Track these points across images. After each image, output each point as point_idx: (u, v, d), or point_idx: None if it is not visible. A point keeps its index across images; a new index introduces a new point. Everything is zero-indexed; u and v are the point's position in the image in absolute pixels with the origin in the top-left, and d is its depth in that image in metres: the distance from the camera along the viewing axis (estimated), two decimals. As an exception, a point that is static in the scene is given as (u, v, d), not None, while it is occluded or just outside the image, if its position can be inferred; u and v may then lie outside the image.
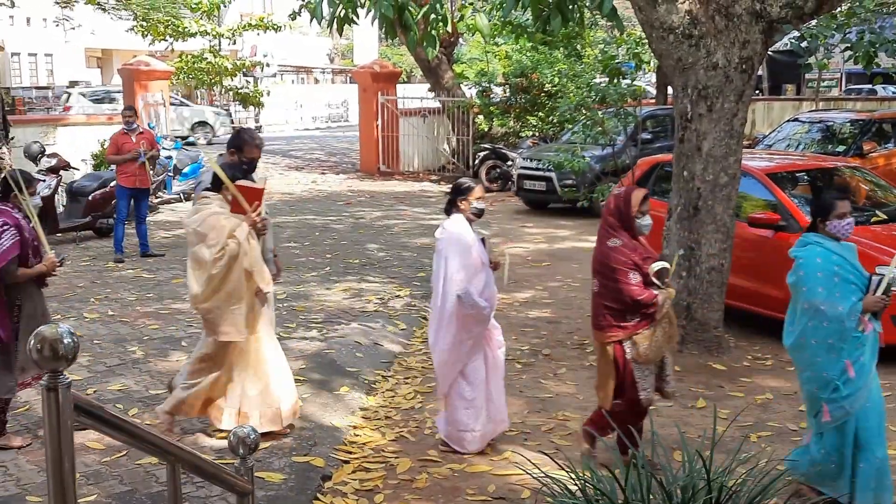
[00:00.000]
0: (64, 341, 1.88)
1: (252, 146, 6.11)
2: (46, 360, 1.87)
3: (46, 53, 39.01)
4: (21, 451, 5.68)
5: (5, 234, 5.55)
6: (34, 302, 5.83)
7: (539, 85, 18.99)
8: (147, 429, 2.54)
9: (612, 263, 5.16)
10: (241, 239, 5.48)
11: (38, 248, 5.85)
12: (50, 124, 18.22)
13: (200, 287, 5.53)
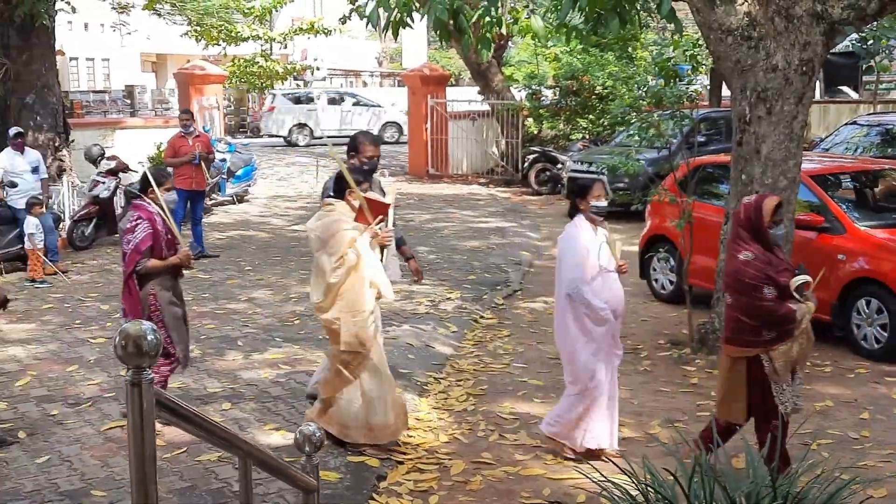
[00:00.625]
0: (147, 338, 1.92)
1: (367, 146, 6.09)
2: (130, 356, 1.92)
3: (103, 58, 39.76)
4: (84, 447, 5.80)
5: (139, 227, 5.86)
6: (171, 291, 6.07)
7: (590, 87, 18.90)
8: (222, 426, 2.59)
9: (746, 279, 4.89)
10: (360, 249, 5.40)
11: (172, 241, 6.08)
12: (108, 127, 18.59)
13: (321, 295, 5.48)
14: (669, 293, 9.61)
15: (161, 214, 6.03)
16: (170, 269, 6.07)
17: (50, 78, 14.53)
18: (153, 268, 5.92)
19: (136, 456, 1.95)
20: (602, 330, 5.56)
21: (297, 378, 7.16)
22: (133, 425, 1.95)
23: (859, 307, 7.62)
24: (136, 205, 6.08)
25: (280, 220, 15.35)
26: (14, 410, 6.43)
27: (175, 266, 6.11)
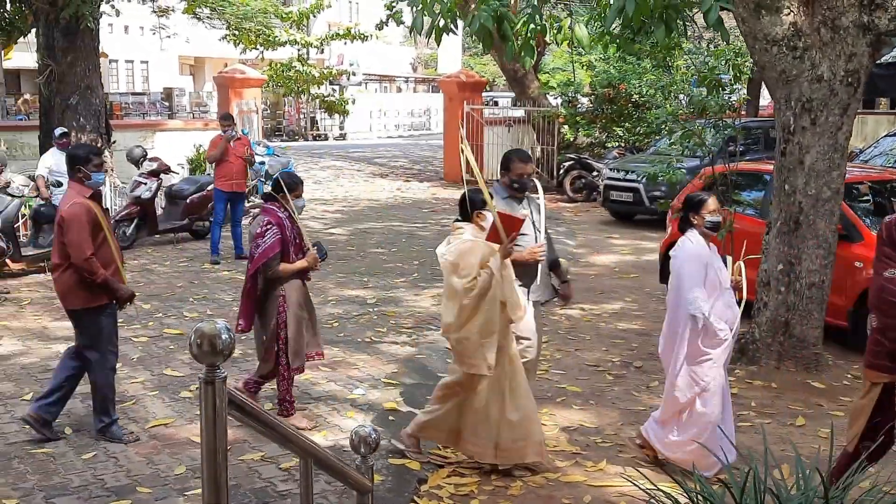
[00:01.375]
0: (222, 337, 1.97)
1: (518, 163, 5.88)
2: (205, 354, 1.97)
3: (142, 60, 40.27)
4: (130, 444, 5.89)
5: (268, 232, 5.98)
6: (299, 293, 6.19)
7: (626, 95, 18.86)
8: (287, 426, 2.63)
9: (892, 297, 4.59)
10: (494, 269, 5.26)
11: (300, 245, 6.21)
12: (148, 129, 18.84)
13: (453, 317, 5.35)
14: None
15: (290, 218, 6.13)
16: (298, 273, 6.19)
17: (93, 80, 14.75)
18: (283, 272, 6.04)
19: (209, 451, 2.00)
20: (719, 351, 5.46)
21: (336, 380, 7.22)
22: (206, 422, 2.00)
23: None
24: (266, 209, 6.17)
25: (317, 223, 15.45)
26: (60, 406, 6.53)
27: (303, 269, 6.23)
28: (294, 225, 6.18)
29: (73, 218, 5.69)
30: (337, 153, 29.55)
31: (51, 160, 11.07)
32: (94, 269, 5.70)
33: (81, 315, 5.93)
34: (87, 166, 5.89)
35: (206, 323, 2.01)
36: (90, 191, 5.89)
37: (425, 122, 43.46)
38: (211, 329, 1.98)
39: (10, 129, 17.53)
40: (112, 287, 5.86)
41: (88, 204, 5.78)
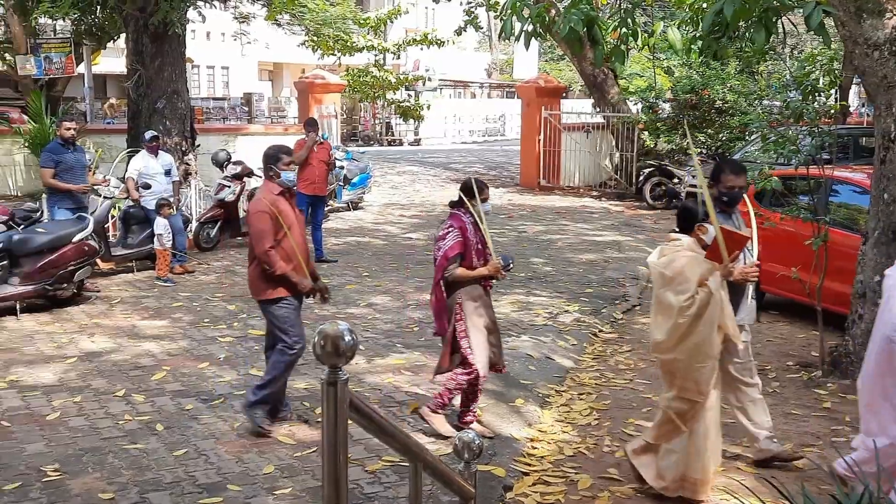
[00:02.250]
0: (345, 338, 1.97)
1: (729, 175, 5.54)
2: (328, 355, 1.97)
3: (223, 66, 41.05)
4: (219, 442, 5.97)
5: (449, 235, 5.93)
6: (478, 301, 6.05)
7: (709, 101, 18.54)
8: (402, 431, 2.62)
9: None
10: (713, 288, 4.93)
11: (482, 252, 6.05)
12: (230, 134, 19.19)
13: (664, 334, 5.04)
14: None
15: (475, 224, 6.02)
16: (478, 279, 6.04)
17: (179, 85, 15.08)
18: (460, 276, 5.93)
19: (329, 452, 2.00)
20: None
21: (419, 384, 7.22)
22: (327, 422, 2.00)
23: None
24: (451, 213, 6.09)
25: (394, 227, 15.52)
26: (151, 404, 6.66)
27: (484, 276, 6.08)
28: (478, 231, 6.03)
29: (256, 213, 6.00)
30: (412, 158, 29.68)
31: (140, 162, 11.31)
32: (273, 261, 5.90)
33: (264, 305, 6.16)
34: (278, 164, 6.10)
35: (330, 324, 2.01)
36: (279, 188, 6.09)
37: (500, 128, 43.40)
38: (334, 331, 1.98)
39: (99, 132, 18.03)
40: (291, 280, 6.01)
41: (273, 200, 5.99)
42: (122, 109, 31.24)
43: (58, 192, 10.27)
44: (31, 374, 7.26)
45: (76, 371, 7.37)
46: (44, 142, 15.79)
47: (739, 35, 6.65)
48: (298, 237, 6.13)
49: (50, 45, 19.60)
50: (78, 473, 5.44)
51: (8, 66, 22.50)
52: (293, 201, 6.28)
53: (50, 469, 5.50)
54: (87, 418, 6.35)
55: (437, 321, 6.14)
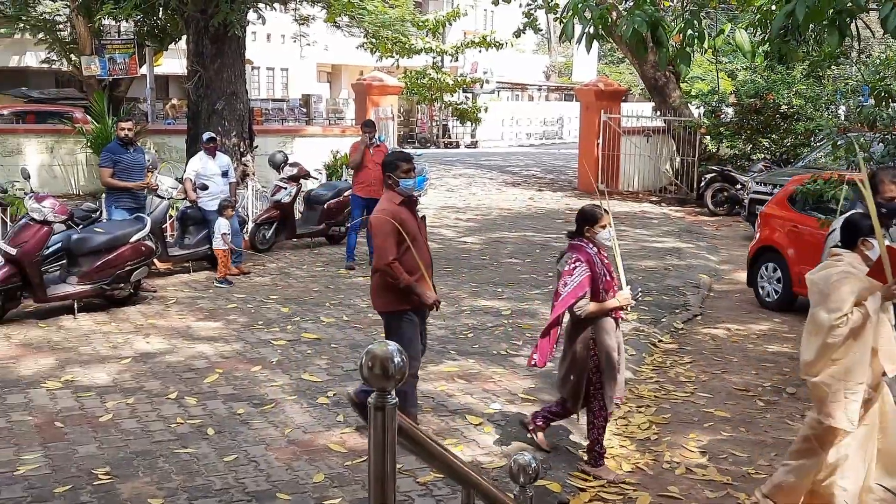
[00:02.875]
0: (394, 360, 1.83)
1: (888, 184, 5.32)
2: (376, 378, 1.83)
3: (282, 68, 41.38)
4: (269, 448, 5.89)
5: (577, 269, 5.54)
6: (611, 336, 5.68)
7: (774, 106, 18.09)
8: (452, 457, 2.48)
9: None
10: (870, 309, 4.62)
11: (610, 283, 5.67)
12: (288, 135, 19.27)
13: (812, 354, 4.74)
14: (774, 301, 10.20)
15: (599, 253, 5.64)
16: (608, 311, 5.69)
17: (238, 86, 15.14)
18: (593, 312, 5.57)
19: (377, 479, 1.87)
20: None
21: (472, 393, 7.07)
22: (374, 448, 1.87)
23: None
24: (573, 245, 5.70)
25: (449, 230, 15.40)
26: (203, 407, 6.62)
27: (614, 308, 5.69)
28: (604, 259, 5.68)
29: (378, 224, 5.86)
30: (468, 161, 29.56)
31: (198, 164, 11.35)
32: (396, 273, 5.79)
33: (385, 317, 6.10)
34: (396, 172, 5.95)
35: (378, 344, 1.88)
36: (400, 197, 5.94)
37: (557, 131, 43.07)
38: (383, 351, 1.84)
39: (159, 132, 18.23)
40: (415, 292, 5.88)
41: (395, 210, 5.86)
42: (184, 110, 31.64)
43: (116, 191, 10.35)
44: (86, 375, 7.28)
45: (130, 372, 7.37)
46: (105, 142, 15.98)
47: (807, 38, 6.38)
48: (421, 248, 5.96)
49: (114, 46, 19.89)
50: (128, 477, 5.41)
51: (73, 67, 22.91)
52: (415, 210, 6.09)
53: (101, 472, 5.47)
54: (139, 420, 6.33)
55: (540, 355, 5.76)
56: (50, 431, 6.09)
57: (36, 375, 7.24)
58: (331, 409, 6.63)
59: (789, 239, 10.00)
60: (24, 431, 6.08)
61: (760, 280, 10.46)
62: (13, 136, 16.97)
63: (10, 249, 8.54)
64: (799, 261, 9.57)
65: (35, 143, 16.90)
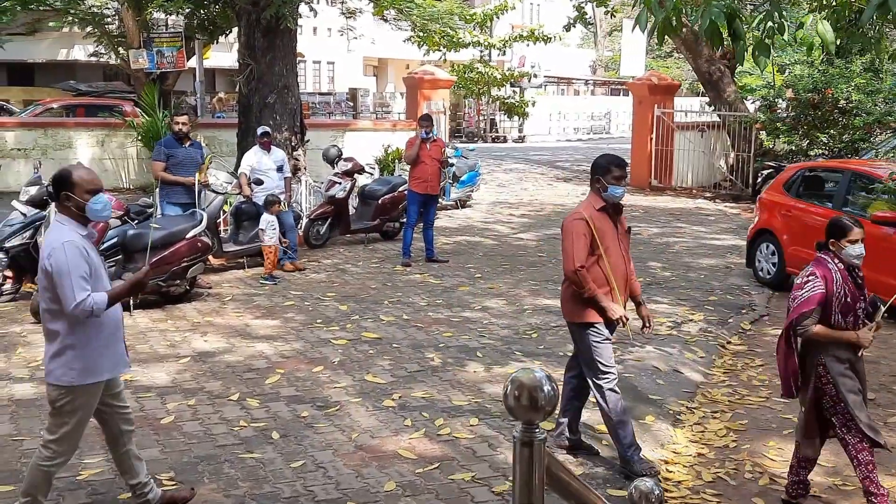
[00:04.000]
0: (543, 389, 1.61)
1: None
2: (523, 409, 1.62)
3: (329, 61, 41.32)
4: (338, 454, 5.71)
5: (808, 283, 5.06)
6: (846, 364, 5.08)
7: (833, 100, 17.56)
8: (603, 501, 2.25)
9: None
10: None
11: (852, 307, 5.06)
12: (339, 129, 19.15)
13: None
14: (772, 278, 10.92)
15: (848, 272, 5.10)
16: (842, 343, 5.05)
17: (290, 79, 15.02)
18: (816, 335, 4.99)
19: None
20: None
21: (541, 397, 6.83)
22: (520, 486, 1.65)
23: None
24: (816, 258, 5.19)
25: (504, 227, 15.16)
26: (266, 409, 6.45)
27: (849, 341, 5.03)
28: (848, 282, 5.06)
29: (568, 228, 5.50)
30: (517, 156, 29.25)
31: (253, 158, 11.23)
32: (582, 282, 5.40)
33: (572, 328, 5.72)
34: (606, 177, 5.51)
35: (524, 371, 1.67)
36: (602, 202, 5.53)
37: (605, 126, 42.57)
38: (530, 380, 1.63)
39: (210, 126, 18.20)
40: (601, 305, 5.44)
41: (592, 214, 5.47)
42: (231, 104, 31.71)
43: (168, 186, 10.25)
44: (145, 374, 7.16)
45: (190, 372, 7.24)
46: (156, 135, 15.99)
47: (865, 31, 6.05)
48: (617, 259, 5.50)
49: (162, 39, 19.91)
50: (193, 483, 5.25)
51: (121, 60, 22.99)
52: (620, 219, 5.63)
53: (165, 478, 5.32)
54: (201, 423, 6.18)
55: (783, 383, 5.25)
56: (113, 433, 5.96)
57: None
58: (397, 413, 6.43)
59: (783, 223, 10.80)
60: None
61: (758, 262, 11.19)
62: (64, 129, 17.02)
63: (69, 245, 8.45)
64: (791, 243, 10.51)
65: (86, 137, 16.94)
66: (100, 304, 4.35)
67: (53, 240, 4.41)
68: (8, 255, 9.11)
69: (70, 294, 4.29)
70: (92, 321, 4.44)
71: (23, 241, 9.12)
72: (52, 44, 30.59)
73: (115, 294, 4.53)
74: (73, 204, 4.44)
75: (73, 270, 4.30)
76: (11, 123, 17.22)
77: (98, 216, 4.54)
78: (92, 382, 4.51)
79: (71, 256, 4.33)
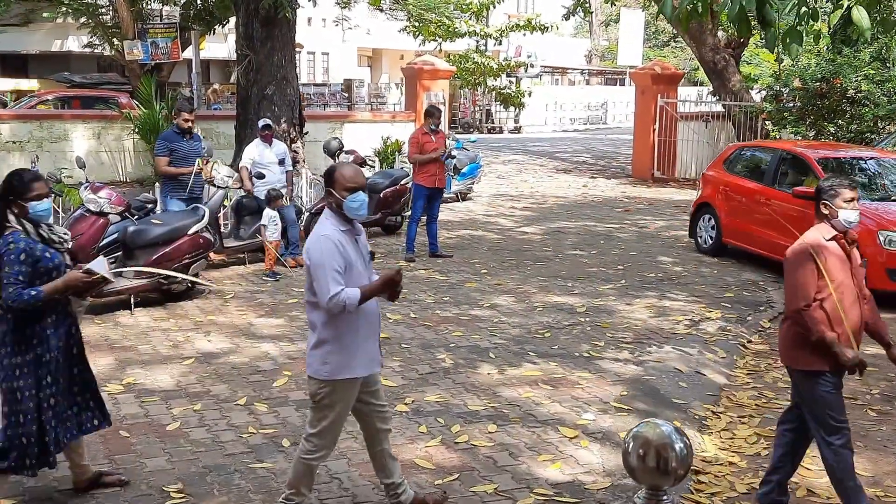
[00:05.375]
0: (675, 447, 1.34)
1: None
2: (648, 472, 1.34)
3: (323, 52, 40.90)
4: (352, 464, 5.44)
5: None
6: None
7: (841, 90, 17.29)
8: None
9: None
10: None
11: None
12: (337, 121, 18.82)
13: None
14: (709, 247, 12.11)
15: None
16: None
17: (289, 71, 14.71)
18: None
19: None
20: None
21: (561, 401, 6.56)
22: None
23: None
24: None
25: (507, 220, 14.88)
26: (275, 415, 6.18)
27: None
28: None
29: (793, 260, 4.75)
30: (515, 147, 28.95)
31: (254, 151, 10.92)
32: (808, 323, 4.64)
33: (797, 377, 4.91)
34: (835, 201, 4.75)
35: (648, 425, 1.39)
36: (833, 231, 4.75)
37: (601, 116, 42.27)
38: (657, 435, 1.36)
39: (208, 118, 17.85)
40: (832, 350, 4.64)
41: (818, 246, 4.69)
42: (225, 95, 31.37)
43: (172, 181, 9.94)
44: (148, 377, 6.88)
45: (195, 374, 6.95)
46: (153, 128, 15.66)
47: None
48: (848, 299, 4.73)
49: (156, 30, 19.56)
50: (203, 496, 4.98)
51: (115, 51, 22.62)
52: (852, 249, 4.83)
53: (173, 489, 5.05)
54: (208, 430, 5.90)
55: None
56: (116, 441, 5.68)
57: (96, 377, 6.82)
58: (411, 419, 6.16)
59: (721, 197, 11.92)
60: (89, 441, 5.65)
61: (699, 232, 12.38)
62: (60, 121, 16.65)
63: (66, 242, 8.15)
64: (728, 215, 11.72)
65: (82, 129, 16.58)
66: (352, 299, 4.34)
67: (314, 233, 4.52)
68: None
69: (325, 288, 4.33)
70: (347, 317, 4.44)
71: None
72: (46, 35, 30.15)
73: (368, 291, 4.46)
74: (333, 200, 4.50)
75: (327, 264, 4.35)
76: (7, 116, 16.83)
77: (353, 214, 4.51)
78: (347, 378, 4.50)
79: (326, 250, 4.38)
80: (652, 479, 1.34)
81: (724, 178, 12.07)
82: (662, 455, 1.33)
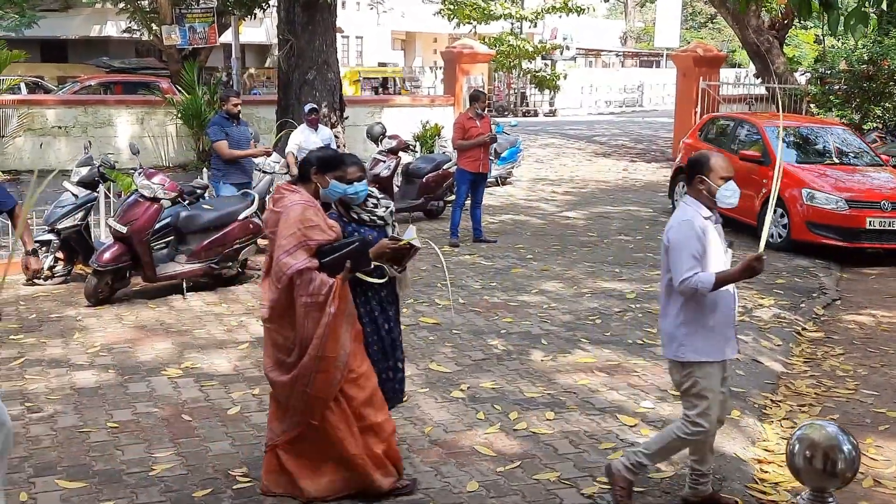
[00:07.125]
0: (843, 449, 1.31)
1: None
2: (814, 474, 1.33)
3: (357, 36, 40.89)
4: (412, 448, 5.44)
5: None
6: None
7: (889, 72, 16.99)
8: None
9: None
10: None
11: None
12: (377, 105, 18.82)
13: None
14: None
15: None
16: None
17: (330, 55, 14.72)
18: None
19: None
20: None
21: (618, 388, 6.53)
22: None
23: None
24: None
25: (548, 205, 14.81)
26: (333, 400, 6.19)
27: None
28: None
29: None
30: (552, 130, 28.78)
31: (300, 137, 10.94)
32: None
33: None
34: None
35: (814, 427, 1.39)
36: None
37: (637, 99, 41.91)
38: (825, 437, 1.33)
39: (248, 103, 17.87)
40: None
41: None
42: (262, 80, 31.46)
43: (226, 166, 9.94)
44: (205, 361, 6.93)
45: (250, 359, 6.99)
46: (196, 113, 15.75)
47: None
48: None
49: (194, 15, 19.62)
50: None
51: (153, 36, 22.75)
52: None
53: (238, 473, 5.08)
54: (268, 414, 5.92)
55: None
56: (179, 425, 5.73)
57: (155, 361, 6.91)
58: (468, 405, 6.15)
59: None
60: (152, 425, 5.73)
61: (676, 195, 13.50)
62: (104, 107, 16.79)
63: (121, 227, 8.24)
64: None
65: (125, 115, 16.71)
66: (705, 283, 4.40)
67: (674, 218, 4.64)
68: (59, 236, 8.90)
69: (679, 270, 4.45)
70: (706, 301, 4.52)
71: (74, 222, 8.91)
72: (85, 20, 30.39)
73: (724, 277, 4.49)
74: (705, 188, 4.54)
75: (684, 248, 4.45)
76: (52, 101, 17.00)
77: (725, 202, 4.55)
78: (704, 361, 4.56)
79: (685, 235, 4.48)
80: (819, 481, 1.32)
81: (697, 144, 13.24)
82: (831, 457, 1.31)
